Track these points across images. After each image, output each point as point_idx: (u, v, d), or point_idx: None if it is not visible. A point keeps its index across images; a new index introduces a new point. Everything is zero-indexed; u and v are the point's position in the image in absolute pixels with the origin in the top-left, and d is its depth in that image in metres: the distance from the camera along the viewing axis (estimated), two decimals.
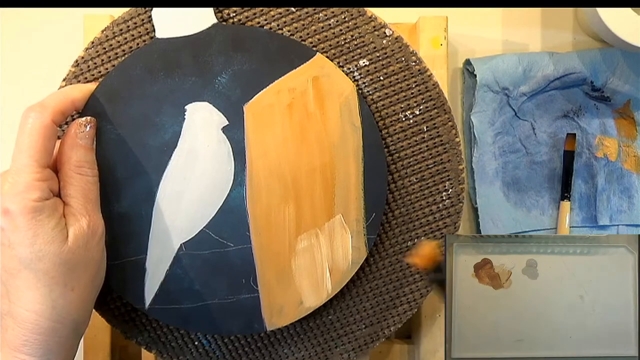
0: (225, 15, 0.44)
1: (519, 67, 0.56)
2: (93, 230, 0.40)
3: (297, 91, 0.44)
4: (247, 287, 0.44)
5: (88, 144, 0.41)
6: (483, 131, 0.57)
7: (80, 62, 0.44)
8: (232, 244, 0.44)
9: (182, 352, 0.47)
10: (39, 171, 0.37)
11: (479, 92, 0.57)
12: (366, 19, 0.45)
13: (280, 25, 0.44)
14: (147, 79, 0.43)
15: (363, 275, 0.47)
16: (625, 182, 0.58)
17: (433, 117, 0.46)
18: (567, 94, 0.58)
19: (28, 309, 0.38)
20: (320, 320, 0.47)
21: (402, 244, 0.47)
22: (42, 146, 0.38)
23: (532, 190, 0.59)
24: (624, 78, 0.57)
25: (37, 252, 0.37)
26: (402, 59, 0.45)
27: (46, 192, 0.38)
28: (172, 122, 0.43)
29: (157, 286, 0.44)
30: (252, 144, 0.43)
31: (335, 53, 0.45)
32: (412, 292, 0.48)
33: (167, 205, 0.43)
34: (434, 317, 0.53)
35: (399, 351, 0.56)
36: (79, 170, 0.40)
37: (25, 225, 0.37)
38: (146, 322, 0.46)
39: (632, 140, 0.59)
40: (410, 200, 0.46)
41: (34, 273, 0.37)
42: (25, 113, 0.38)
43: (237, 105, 0.43)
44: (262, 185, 0.44)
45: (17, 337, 0.38)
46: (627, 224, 0.58)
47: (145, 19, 0.44)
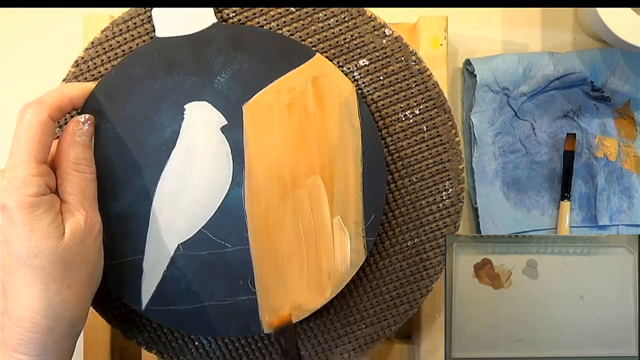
0: (225, 15, 0.44)
1: (519, 67, 0.56)
2: (90, 227, 0.39)
3: (297, 91, 0.43)
4: (244, 288, 0.44)
5: (86, 142, 0.41)
6: (483, 131, 0.57)
7: (80, 62, 0.44)
8: (230, 244, 0.44)
9: (183, 353, 0.47)
10: (35, 167, 0.37)
11: (479, 92, 0.57)
12: (366, 18, 0.45)
13: (280, 25, 0.44)
14: (147, 78, 0.43)
15: (363, 275, 0.47)
16: (625, 182, 0.58)
17: (433, 116, 0.46)
18: (567, 94, 0.58)
19: (24, 307, 0.38)
20: (320, 320, 0.47)
21: (402, 244, 0.47)
22: (39, 142, 0.38)
23: (532, 190, 0.59)
24: (624, 78, 0.57)
25: (33, 248, 0.37)
26: (401, 59, 0.45)
27: (43, 187, 0.38)
28: (171, 122, 0.43)
29: (154, 287, 0.44)
30: (251, 144, 0.43)
31: (335, 53, 0.45)
32: (412, 291, 0.47)
33: (165, 204, 0.43)
34: (434, 317, 0.53)
35: (399, 351, 0.56)
36: (77, 167, 0.40)
37: (21, 220, 0.37)
38: (146, 322, 0.46)
39: (632, 140, 0.59)
40: (410, 200, 0.46)
41: (30, 270, 0.37)
42: (22, 109, 0.38)
43: (237, 105, 0.43)
44: (261, 186, 0.43)
45: (13, 336, 0.38)
46: (627, 224, 0.58)
47: (145, 19, 0.44)
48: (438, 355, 0.53)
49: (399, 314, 0.48)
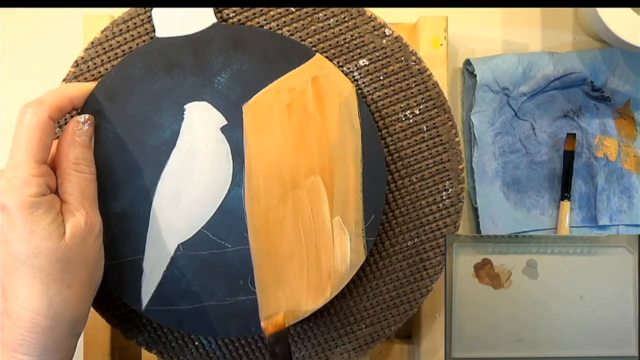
0: (225, 15, 0.44)
1: (519, 67, 0.56)
2: (90, 227, 0.39)
3: (297, 91, 0.43)
4: (244, 288, 0.44)
5: (86, 142, 0.41)
6: (483, 131, 0.57)
7: (80, 62, 0.44)
8: (230, 244, 0.44)
9: (183, 353, 0.47)
10: (35, 167, 0.37)
11: (479, 92, 0.57)
12: (366, 18, 0.45)
13: (279, 25, 0.44)
14: (147, 78, 0.43)
15: (363, 275, 0.47)
16: (625, 182, 0.58)
17: (433, 116, 0.46)
18: (567, 94, 0.58)
19: (24, 307, 0.38)
20: (321, 320, 0.47)
21: (402, 244, 0.47)
22: (39, 142, 0.38)
23: (532, 190, 0.59)
24: (624, 78, 0.57)
25: (34, 248, 0.37)
26: (401, 59, 0.45)
27: (43, 187, 0.38)
28: (171, 122, 0.43)
29: (154, 287, 0.44)
30: (251, 144, 0.43)
31: (334, 53, 0.45)
32: (412, 291, 0.47)
33: (165, 205, 0.43)
34: (434, 317, 0.53)
35: (399, 351, 0.56)
36: (77, 167, 0.40)
37: (22, 221, 0.37)
38: (146, 322, 0.46)
39: (632, 140, 0.59)
40: (410, 200, 0.46)
41: (30, 270, 0.37)
42: (22, 109, 0.38)
43: (237, 105, 0.43)
44: (261, 186, 0.43)
45: (13, 336, 0.38)
46: (627, 224, 0.58)
47: (145, 19, 0.44)
48: (438, 355, 0.53)
49: (399, 314, 0.48)
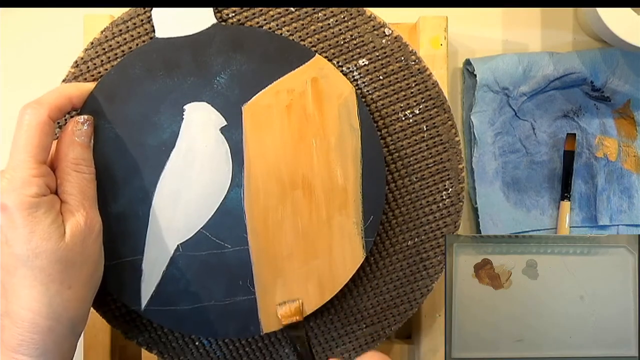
0: (225, 15, 0.44)
1: (519, 67, 0.56)
2: (90, 227, 0.39)
3: (296, 92, 0.43)
4: (243, 289, 0.44)
5: (85, 142, 0.41)
6: (483, 131, 0.57)
7: (79, 62, 0.44)
8: (229, 245, 0.44)
9: (183, 353, 0.47)
10: (35, 167, 0.37)
11: (479, 92, 0.57)
12: (365, 18, 0.45)
13: (279, 25, 0.44)
14: (146, 78, 0.43)
15: (363, 274, 0.47)
16: (625, 182, 0.58)
17: (432, 116, 0.46)
18: (567, 94, 0.58)
19: (24, 308, 0.38)
20: (321, 320, 0.47)
21: (402, 244, 0.47)
22: (38, 142, 0.38)
23: (532, 190, 0.58)
24: (624, 78, 0.57)
25: (34, 249, 0.37)
26: (401, 59, 0.45)
27: (43, 188, 0.38)
28: (170, 122, 0.43)
29: (153, 287, 0.44)
30: (251, 144, 0.43)
31: (334, 52, 0.45)
32: (412, 291, 0.47)
33: (165, 205, 0.43)
34: (434, 317, 0.53)
35: (399, 351, 0.56)
36: (76, 167, 0.40)
37: (22, 221, 0.37)
38: (147, 322, 0.46)
39: (632, 140, 0.59)
40: (410, 199, 0.46)
41: (30, 270, 0.37)
42: (22, 110, 0.38)
43: (236, 105, 0.43)
44: (260, 187, 0.43)
45: (13, 336, 0.38)
46: (627, 224, 0.58)
47: (144, 19, 0.44)
48: (438, 355, 0.53)
49: (399, 314, 0.48)
